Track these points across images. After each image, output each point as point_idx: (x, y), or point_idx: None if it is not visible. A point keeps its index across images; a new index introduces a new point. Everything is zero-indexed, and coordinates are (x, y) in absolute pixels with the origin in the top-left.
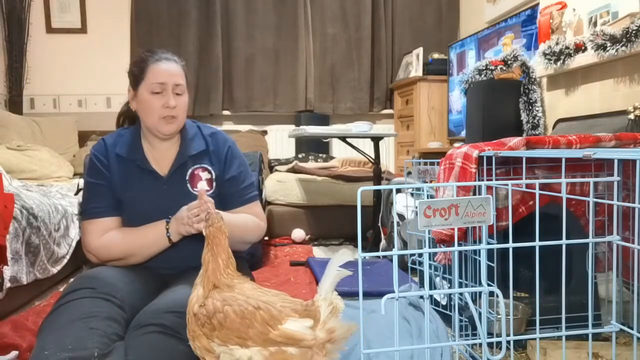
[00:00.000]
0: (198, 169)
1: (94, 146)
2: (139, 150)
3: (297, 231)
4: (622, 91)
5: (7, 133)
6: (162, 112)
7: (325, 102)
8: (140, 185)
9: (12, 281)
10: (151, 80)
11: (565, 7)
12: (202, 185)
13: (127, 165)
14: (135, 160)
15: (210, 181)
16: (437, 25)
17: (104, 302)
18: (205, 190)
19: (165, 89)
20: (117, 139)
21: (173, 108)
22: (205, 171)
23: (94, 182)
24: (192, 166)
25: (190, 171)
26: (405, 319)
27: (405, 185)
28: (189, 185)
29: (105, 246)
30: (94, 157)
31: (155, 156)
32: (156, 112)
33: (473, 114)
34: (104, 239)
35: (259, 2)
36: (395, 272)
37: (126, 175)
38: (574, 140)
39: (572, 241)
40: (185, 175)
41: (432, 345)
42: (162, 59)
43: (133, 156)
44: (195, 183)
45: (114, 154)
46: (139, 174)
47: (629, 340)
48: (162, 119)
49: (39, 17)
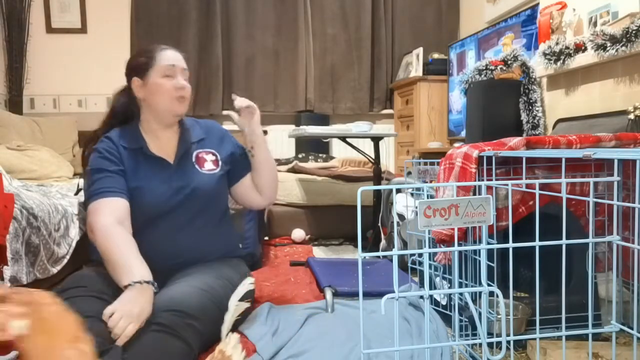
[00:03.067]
0: (202, 152)
1: (100, 144)
2: (142, 141)
3: (297, 231)
4: (622, 91)
5: (7, 133)
6: (175, 93)
7: (325, 102)
8: (151, 171)
9: (12, 281)
10: (162, 64)
11: (565, 7)
12: (208, 165)
13: (135, 155)
14: (142, 148)
15: (216, 162)
16: (437, 25)
17: (97, 301)
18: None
19: (175, 72)
20: (119, 134)
21: (184, 89)
22: (209, 154)
23: (102, 168)
24: (195, 150)
25: (195, 154)
26: (405, 319)
27: (405, 185)
28: (196, 166)
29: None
30: (104, 150)
31: (158, 146)
32: (169, 92)
33: (473, 114)
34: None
35: (259, 2)
36: (395, 272)
37: (136, 164)
38: (574, 140)
39: (572, 241)
40: (192, 159)
41: (432, 345)
42: (168, 48)
43: (139, 144)
44: (202, 164)
45: (121, 146)
46: (147, 162)
47: (629, 340)
48: (175, 100)
49: (39, 17)
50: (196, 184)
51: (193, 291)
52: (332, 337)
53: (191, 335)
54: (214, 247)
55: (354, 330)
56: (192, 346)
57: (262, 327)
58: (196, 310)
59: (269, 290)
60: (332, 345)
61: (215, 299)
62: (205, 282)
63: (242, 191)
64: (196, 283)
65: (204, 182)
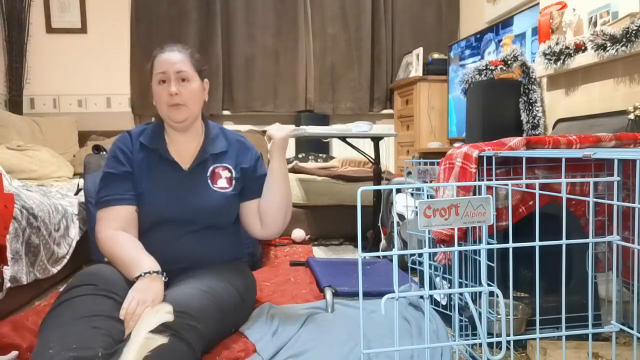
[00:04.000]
0: (219, 167)
1: (119, 138)
2: (162, 141)
3: (297, 231)
4: (622, 91)
5: (7, 133)
6: (168, 100)
7: (325, 102)
8: (162, 175)
9: (12, 281)
10: (156, 72)
11: (565, 7)
12: (222, 183)
13: (150, 154)
14: (158, 149)
15: (230, 180)
16: (437, 25)
17: (106, 300)
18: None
19: (168, 77)
20: (142, 130)
21: (175, 95)
22: (225, 170)
23: (111, 172)
24: (212, 164)
25: (212, 169)
26: (405, 319)
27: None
28: (209, 181)
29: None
30: (117, 149)
31: (177, 149)
32: (163, 101)
33: (473, 114)
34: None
35: (259, 2)
36: (395, 272)
37: (148, 164)
38: (574, 140)
39: (572, 241)
40: (207, 172)
41: (432, 345)
42: (166, 51)
43: (156, 145)
44: (215, 180)
45: (138, 143)
46: (160, 164)
47: (629, 340)
48: (169, 107)
49: (39, 17)
50: (204, 201)
51: (195, 293)
52: (332, 337)
53: (193, 337)
54: (219, 252)
55: (354, 330)
56: (194, 348)
57: (262, 327)
58: (198, 312)
59: (269, 290)
60: (332, 345)
61: (217, 301)
62: (207, 285)
63: (244, 213)
64: (199, 285)
65: (213, 200)
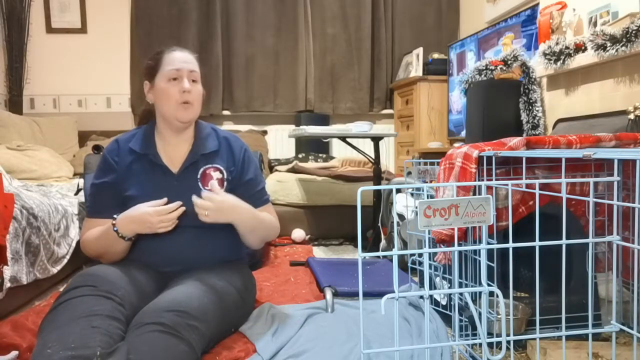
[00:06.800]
0: (210, 168)
1: (107, 146)
2: (152, 146)
3: (297, 231)
4: (622, 91)
5: (7, 133)
6: (179, 98)
7: (325, 102)
8: (151, 179)
9: (12, 281)
10: (167, 68)
11: (565, 7)
12: (213, 184)
13: (139, 159)
14: (148, 154)
15: (222, 181)
16: (437, 25)
17: (105, 300)
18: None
19: (181, 75)
20: (132, 135)
21: (189, 93)
22: (217, 171)
23: (97, 183)
24: (203, 165)
25: (202, 170)
26: (405, 319)
27: (405, 185)
28: (200, 183)
29: (84, 242)
30: (104, 157)
31: (168, 152)
32: (173, 97)
33: (473, 114)
34: (85, 236)
35: (259, 2)
36: (395, 272)
37: (137, 169)
38: (574, 140)
39: (572, 241)
40: (197, 174)
41: (432, 345)
42: (176, 50)
43: (146, 150)
44: (206, 182)
45: (127, 148)
46: (150, 168)
47: (629, 340)
48: (179, 105)
49: (39, 17)
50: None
51: (195, 293)
52: (332, 337)
53: (193, 337)
54: (217, 252)
55: (354, 330)
56: (194, 348)
57: (262, 327)
58: (199, 312)
59: (269, 290)
60: (332, 345)
61: (218, 301)
62: (208, 284)
63: None
64: (199, 285)
65: None
